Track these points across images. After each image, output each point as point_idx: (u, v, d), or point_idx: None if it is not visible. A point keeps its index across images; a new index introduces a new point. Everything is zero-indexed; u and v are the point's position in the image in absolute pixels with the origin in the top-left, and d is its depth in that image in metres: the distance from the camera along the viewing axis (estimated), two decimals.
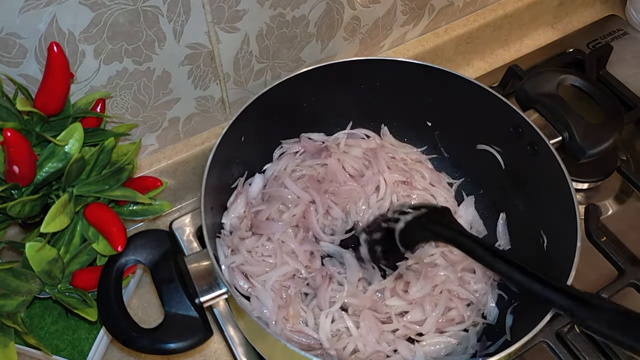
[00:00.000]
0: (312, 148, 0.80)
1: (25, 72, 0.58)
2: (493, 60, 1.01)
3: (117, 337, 0.55)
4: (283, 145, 0.80)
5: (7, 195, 0.54)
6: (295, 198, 0.74)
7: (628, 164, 0.86)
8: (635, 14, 1.03)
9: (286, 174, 0.76)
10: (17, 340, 0.60)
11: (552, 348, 0.69)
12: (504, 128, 0.72)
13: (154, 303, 0.75)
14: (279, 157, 0.79)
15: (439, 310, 0.66)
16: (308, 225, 0.73)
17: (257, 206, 0.74)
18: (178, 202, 0.83)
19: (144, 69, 0.65)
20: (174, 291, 0.57)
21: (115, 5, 0.57)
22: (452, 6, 0.89)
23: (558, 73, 0.75)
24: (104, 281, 0.57)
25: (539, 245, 0.68)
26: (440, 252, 0.72)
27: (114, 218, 0.58)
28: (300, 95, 0.75)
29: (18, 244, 0.60)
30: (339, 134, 0.82)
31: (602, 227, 0.79)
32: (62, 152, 0.55)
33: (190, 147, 0.77)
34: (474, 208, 0.78)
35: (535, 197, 0.71)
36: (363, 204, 0.76)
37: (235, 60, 0.71)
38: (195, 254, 0.59)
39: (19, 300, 0.57)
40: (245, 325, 0.63)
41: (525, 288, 0.52)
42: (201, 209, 0.61)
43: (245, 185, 0.76)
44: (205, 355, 0.71)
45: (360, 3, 0.76)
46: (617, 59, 0.98)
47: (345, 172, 0.78)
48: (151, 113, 0.71)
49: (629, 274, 0.73)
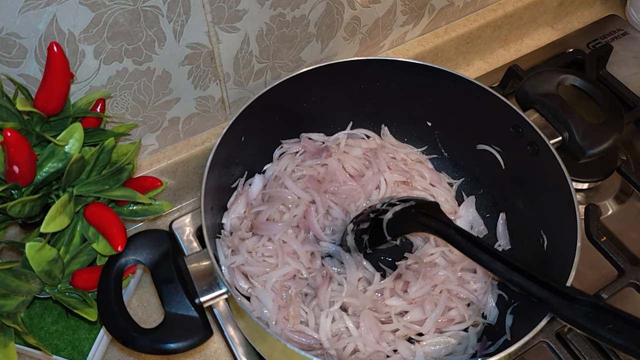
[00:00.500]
0: (312, 148, 0.80)
1: (25, 72, 0.58)
2: (493, 60, 1.01)
3: (117, 337, 0.55)
4: (283, 145, 0.80)
5: (7, 195, 0.54)
6: (295, 198, 0.74)
7: (628, 164, 0.86)
8: (635, 14, 1.03)
9: (286, 174, 0.76)
10: (17, 340, 0.60)
11: (552, 348, 0.69)
12: (504, 128, 0.72)
13: (154, 303, 0.75)
14: (279, 157, 0.79)
15: (439, 310, 0.66)
16: (309, 225, 0.73)
17: (258, 207, 0.74)
18: (178, 202, 0.83)
19: (144, 69, 0.65)
20: (174, 291, 0.56)
21: (115, 5, 0.57)
22: (452, 6, 0.89)
23: (558, 73, 0.75)
24: (104, 281, 0.57)
25: (539, 245, 0.68)
26: (440, 251, 0.72)
27: (114, 218, 0.58)
28: (300, 95, 0.75)
29: (18, 244, 0.60)
30: (339, 134, 0.82)
31: (602, 227, 0.79)
32: (62, 152, 0.55)
33: (190, 147, 0.77)
34: (475, 208, 0.78)
35: (535, 197, 0.71)
36: (363, 204, 0.76)
37: (235, 60, 0.71)
38: (195, 254, 0.59)
39: (19, 300, 0.57)
40: (245, 325, 0.63)
41: (506, 279, 0.54)
42: (201, 209, 0.61)
43: (245, 186, 0.76)
44: (205, 355, 0.71)
45: (360, 3, 0.76)
46: (617, 59, 0.98)
47: (345, 172, 0.78)
48: (151, 113, 0.71)
49: (629, 274, 0.73)
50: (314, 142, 0.81)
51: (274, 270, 0.68)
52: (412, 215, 0.64)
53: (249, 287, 0.68)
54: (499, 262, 0.55)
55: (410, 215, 0.64)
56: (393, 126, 0.83)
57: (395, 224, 0.65)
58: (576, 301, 0.50)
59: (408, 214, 0.64)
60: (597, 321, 0.48)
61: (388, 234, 0.66)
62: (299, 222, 0.73)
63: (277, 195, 0.75)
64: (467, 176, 0.81)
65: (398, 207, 0.65)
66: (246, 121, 0.69)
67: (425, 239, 0.75)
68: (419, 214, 0.63)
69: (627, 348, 0.46)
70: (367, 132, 0.83)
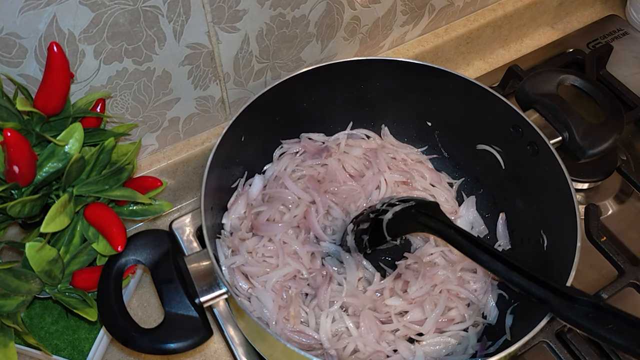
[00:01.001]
0: (312, 148, 0.80)
1: (25, 72, 0.58)
2: (493, 60, 1.01)
3: (117, 337, 0.55)
4: (283, 146, 0.80)
5: (7, 195, 0.54)
6: (295, 199, 0.74)
7: (628, 164, 0.86)
8: (635, 14, 1.03)
9: (286, 174, 0.76)
10: (17, 340, 0.60)
11: (552, 348, 0.69)
12: (504, 128, 0.72)
13: (154, 303, 0.75)
14: (279, 157, 0.79)
15: (439, 310, 0.66)
16: (309, 225, 0.73)
17: (258, 207, 0.74)
18: (178, 202, 0.83)
19: (144, 69, 0.65)
20: (174, 291, 0.56)
21: (115, 5, 0.57)
22: (452, 6, 0.89)
23: (558, 73, 0.75)
24: (104, 281, 0.57)
25: (539, 245, 0.68)
26: (440, 251, 0.72)
27: (114, 218, 0.58)
28: (300, 95, 0.75)
29: (18, 244, 0.60)
30: (340, 134, 0.82)
31: (602, 227, 0.79)
32: (62, 152, 0.55)
33: (190, 147, 0.77)
34: (475, 208, 0.78)
35: (535, 197, 0.71)
36: (363, 204, 0.76)
37: (235, 60, 0.71)
38: (195, 254, 0.59)
39: (19, 300, 0.57)
40: (245, 325, 0.63)
41: (506, 279, 0.55)
42: (201, 209, 0.61)
43: (245, 186, 0.76)
44: (205, 355, 0.71)
45: (360, 3, 0.76)
46: (617, 59, 0.98)
47: (345, 172, 0.78)
48: (151, 113, 0.71)
49: (629, 274, 0.73)
50: (314, 142, 0.81)
51: (274, 271, 0.68)
52: (412, 215, 0.64)
53: (249, 287, 0.68)
54: (499, 262, 0.55)
55: (410, 215, 0.64)
56: (393, 126, 0.83)
57: (395, 224, 0.66)
58: (576, 301, 0.50)
59: (408, 214, 0.64)
60: (597, 321, 0.48)
61: (388, 234, 0.66)
62: (299, 222, 0.73)
63: (278, 196, 0.75)
64: (467, 176, 0.81)
65: (398, 207, 0.65)
66: (246, 121, 0.69)
67: (425, 239, 0.75)
68: (419, 214, 0.63)
69: (627, 348, 0.46)
70: (367, 132, 0.83)
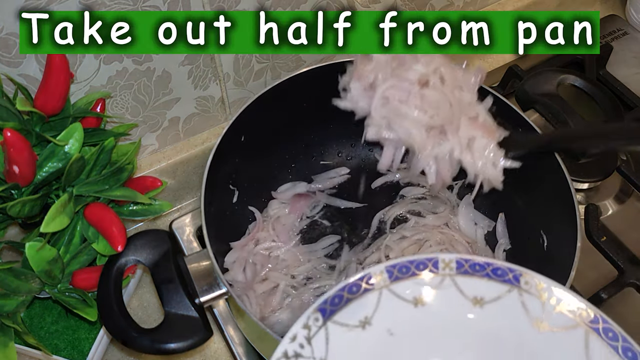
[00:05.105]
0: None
1: (25, 72, 0.58)
2: (493, 60, 1.01)
3: (117, 337, 0.55)
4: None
5: (7, 195, 0.54)
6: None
7: (628, 164, 0.86)
8: (635, 14, 1.03)
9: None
10: (17, 340, 0.60)
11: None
12: (504, 128, 0.71)
13: (154, 303, 0.75)
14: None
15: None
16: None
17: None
18: (178, 202, 0.83)
19: (144, 69, 0.65)
20: (174, 291, 0.56)
21: (115, 5, 0.56)
22: (452, 6, 0.88)
23: (558, 73, 0.76)
24: (104, 281, 0.57)
25: (539, 245, 0.68)
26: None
27: (114, 218, 0.57)
28: (300, 95, 0.75)
29: (18, 244, 0.60)
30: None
31: (602, 227, 0.79)
32: (62, 152, 0.55)
33: (190, 147, 0.77)
34: (473, 207, 0.78)
35: (535, 197, 0.71)
36: None
37: (235, 60, 0.71)
38: (195, 254, 0.59)
39: (19, 300, 0.57)
40: (245, 325, 0.63)
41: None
42: (201, 209, 0.61)
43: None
44: (205, 355, 0.71)
45: (360, 3, 0.76)
46: (617, 59, 0.98)
47: None
48: (151, 113, 0.71)
49: (629, 274, 0.73)
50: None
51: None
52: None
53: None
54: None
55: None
56: None
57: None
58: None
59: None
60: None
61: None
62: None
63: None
64: (467, 177, 0.81)
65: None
66: (246, 121, 0.69)
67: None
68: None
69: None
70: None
